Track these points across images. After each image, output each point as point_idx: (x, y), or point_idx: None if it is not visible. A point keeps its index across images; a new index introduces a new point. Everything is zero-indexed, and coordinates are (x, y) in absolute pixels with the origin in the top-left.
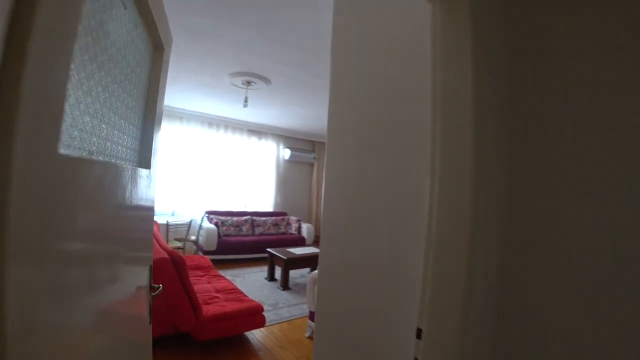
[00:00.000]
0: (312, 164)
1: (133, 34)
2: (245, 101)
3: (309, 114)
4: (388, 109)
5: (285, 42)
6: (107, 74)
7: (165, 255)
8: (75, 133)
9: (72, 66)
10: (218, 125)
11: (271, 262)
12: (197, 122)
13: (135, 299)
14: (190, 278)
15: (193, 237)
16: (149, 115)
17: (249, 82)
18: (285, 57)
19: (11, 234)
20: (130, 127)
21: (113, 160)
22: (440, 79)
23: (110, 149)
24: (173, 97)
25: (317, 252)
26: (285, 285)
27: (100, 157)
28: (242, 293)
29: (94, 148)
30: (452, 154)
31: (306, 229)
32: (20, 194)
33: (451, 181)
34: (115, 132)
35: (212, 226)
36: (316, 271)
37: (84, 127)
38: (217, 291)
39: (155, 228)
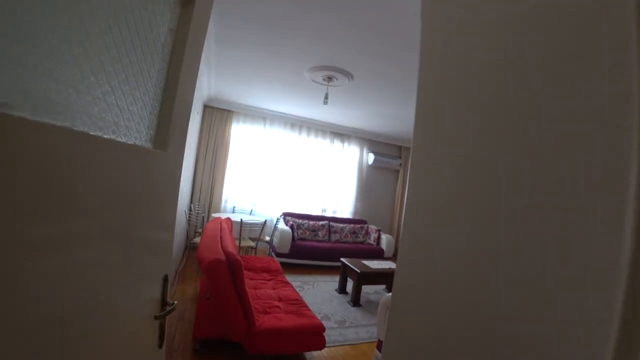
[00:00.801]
0: (397, 171)
1: None
2: (326, 97)
3: (396, 115)
4: (514, 103)
5: (369, 30)
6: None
7: (222, 256)
8: None
9: None
10: (300, 127)
11: (343, 273)
12: (280, 122)
13: (133, 320)
14: (255, 281)
15: (267, 238)
16: (170, 82)
17: (330, 78)
18: (369, 48)
19: None
20: (135, 92)
21: (81, 129)
22: None
23: (78, 110)
24: (255, 96)
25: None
26: (356, 301)
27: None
28: (306, 306)
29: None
30: None
31: (386, 241)
32: None
33: None
34: (98, 90)
35: (287, 228)
36: (390, 294)
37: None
38: (280, 300)
39: (225, 225)
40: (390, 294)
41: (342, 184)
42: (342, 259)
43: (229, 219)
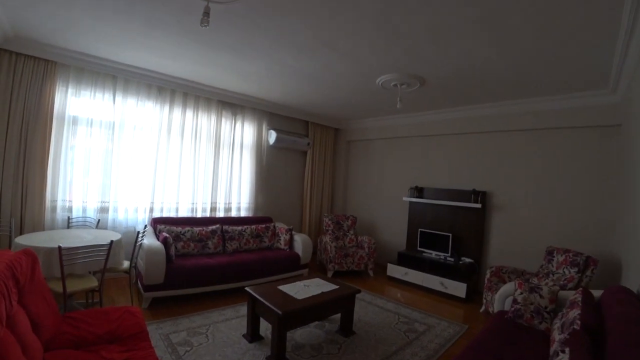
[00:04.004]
0: (304, 152)
1: None
2: (206, 15)
3: (311, 73)
4: None
5: None
6: None
7: None
8: None
9: None
10: (173, 92)
11: (252, 309)
12: (141, 85)
13: None
14: None
15: (126, 264)
16: None
17: None
18: None
19: None
20: None
21: None
22: None
23: None
24: (89, 32)
25: (334, 291)
26: (279, 356)
27: None
28: None
29: None
30: None
31: (301, 243)
32: None
33: None
34: None
35: (157, 243)
36: None
37: None
38: None
39: (3, 275)
40: None
41: (235, 172)
42: (247, 289)
43: (26, 252)
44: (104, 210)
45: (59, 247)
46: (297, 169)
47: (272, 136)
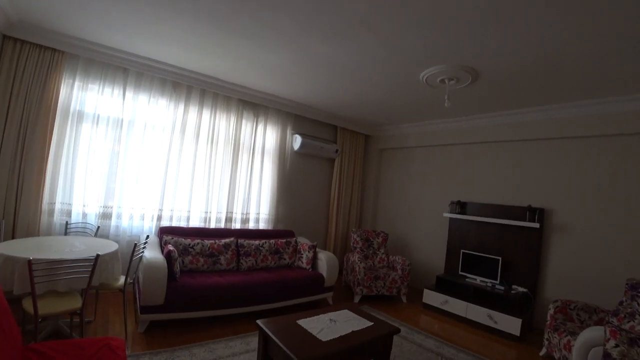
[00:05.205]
0: (332, 160)
1: None
2: None
3: (345, 64)
4: None
5: None
6: None
7: None
8: None
9: None
10: (190, 88)
11: (264, 348)
12: (155, 80)
13: None
14: None
15: (121, 280)
16: None
17: None
18: None
19: None
20: None
21: None
22: None
23: None
24: (100, 19)
25: (368, 330)
26: None
27: None
28: None
29: None
30: None
31: (325, 262)
32: None
33: None
34: None
35: (159, 257)
36: None
37: None
38: None
39: None
40: None
41: (255, 179)
42: (259, 322)
43: None
44: (106, 216)
45: (29, 261)
46: (323, 178)
47: (297, 141)
